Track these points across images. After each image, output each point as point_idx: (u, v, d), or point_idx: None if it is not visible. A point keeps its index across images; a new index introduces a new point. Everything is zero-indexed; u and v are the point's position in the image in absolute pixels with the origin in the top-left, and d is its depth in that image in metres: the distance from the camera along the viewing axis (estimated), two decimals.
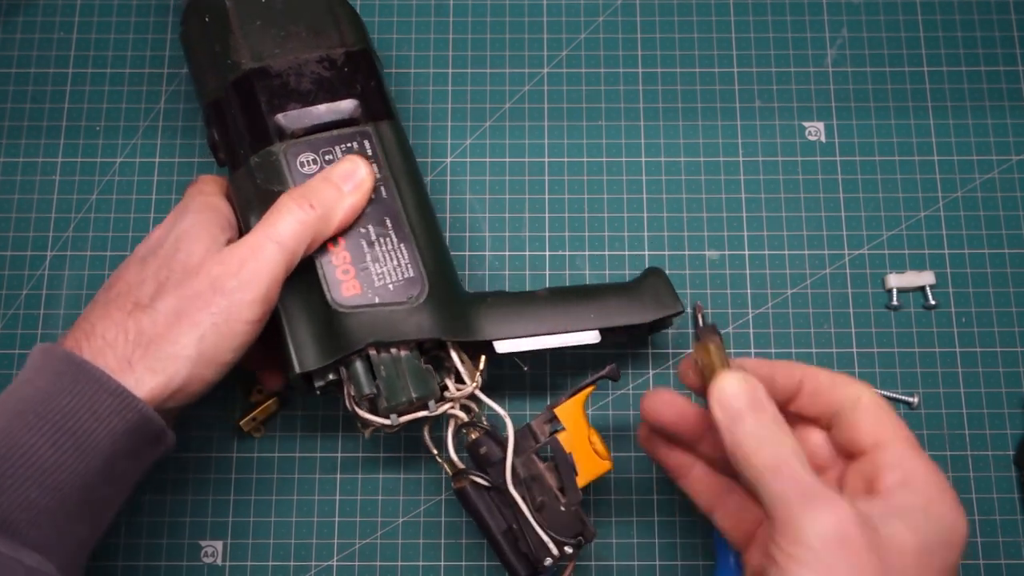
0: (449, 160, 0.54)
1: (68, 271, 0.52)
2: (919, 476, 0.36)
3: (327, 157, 0.44)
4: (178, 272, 0.40)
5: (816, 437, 0.40)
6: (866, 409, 0.38)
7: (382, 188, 0.44)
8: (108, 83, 0.55)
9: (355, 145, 0.44)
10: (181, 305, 0.39)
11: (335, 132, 0.44)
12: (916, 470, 0.36)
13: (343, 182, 0.43)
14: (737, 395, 0.36)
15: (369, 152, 0.44)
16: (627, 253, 0.52)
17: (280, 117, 0.44)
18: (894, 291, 0.51)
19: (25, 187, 0.53)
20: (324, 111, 0.45)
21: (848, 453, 0.39)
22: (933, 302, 0.51)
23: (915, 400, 0.50)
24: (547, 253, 0.52)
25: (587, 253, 0.52)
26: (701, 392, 0.39)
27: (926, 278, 0.51)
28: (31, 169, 0.53)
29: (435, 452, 0.46)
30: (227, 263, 0.40)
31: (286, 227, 0.41)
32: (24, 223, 0.53)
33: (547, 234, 0.53)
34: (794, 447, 0.35)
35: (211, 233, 0.42)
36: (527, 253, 0.52)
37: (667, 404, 0.41)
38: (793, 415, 0.40)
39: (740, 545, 0.41)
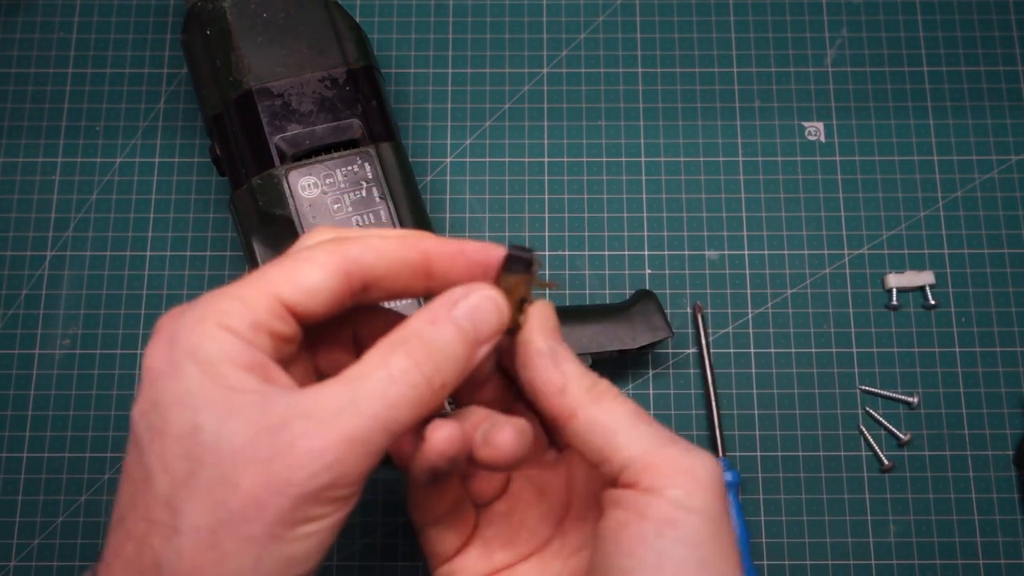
0: (449, 160, 0.54)
1: (68, 271, 0.52)
2: (655, 465, 0.28)
3: (328, 180, 0.44)
4: None
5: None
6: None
7: (382, 212, 0.45)
8: (108, 83, 0.55)
9: (356, 168, 0.45)
10: None
11: (336, 155, 0.45)
12: (646, 458, 0.28)
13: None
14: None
15: (370, 175, 0.45)
16: (627, 253, 0.52)
17: (281, 139, 0.44)
18: (894, 291, 0.51)
19: (25, 187, 0.53)
20: (326, 133, 0.45)
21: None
22: (933, 302, 0.51)
23: (915, 400, 0.50)
24: (547, 253, 0.52)
25: (587, 253, 0.52)
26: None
27: (926, 278, 0.51)
28: (31, 169, 0.53)
29: None
30: None
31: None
32: (24, 223, 0.53)
33: (547, 234, 0.53)
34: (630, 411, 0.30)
35: None
36: None
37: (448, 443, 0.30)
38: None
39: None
